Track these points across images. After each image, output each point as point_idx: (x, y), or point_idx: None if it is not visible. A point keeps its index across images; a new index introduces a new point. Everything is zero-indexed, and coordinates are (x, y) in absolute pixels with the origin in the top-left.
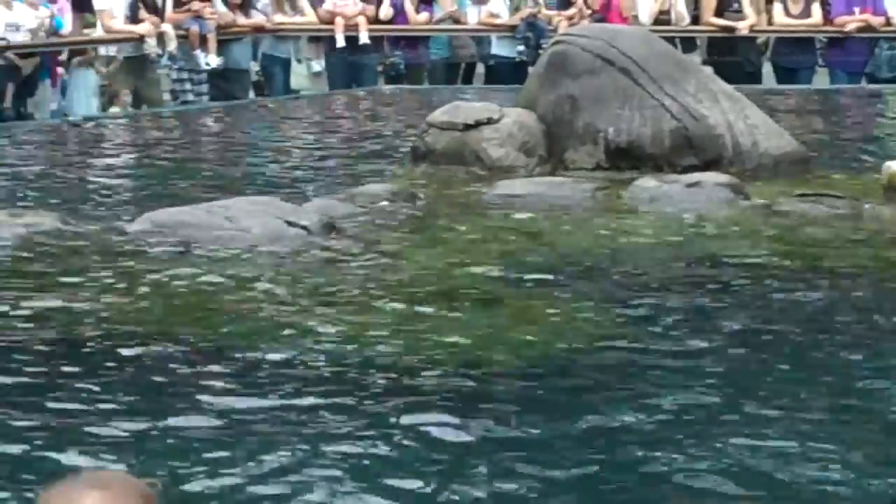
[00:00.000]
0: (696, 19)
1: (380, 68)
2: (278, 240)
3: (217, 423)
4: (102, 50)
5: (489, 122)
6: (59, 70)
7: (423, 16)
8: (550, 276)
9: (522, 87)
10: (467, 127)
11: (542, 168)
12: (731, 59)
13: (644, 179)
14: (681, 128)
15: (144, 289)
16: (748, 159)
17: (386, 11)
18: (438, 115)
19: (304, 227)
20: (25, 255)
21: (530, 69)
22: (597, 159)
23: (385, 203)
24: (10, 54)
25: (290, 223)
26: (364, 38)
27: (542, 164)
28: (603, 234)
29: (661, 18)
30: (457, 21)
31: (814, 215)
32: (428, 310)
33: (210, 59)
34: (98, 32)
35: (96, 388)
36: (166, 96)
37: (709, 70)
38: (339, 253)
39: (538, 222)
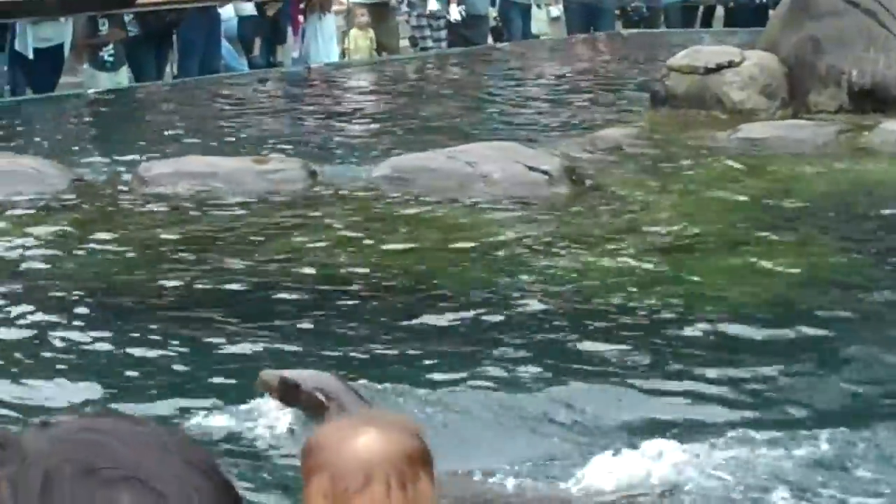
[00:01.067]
0: None
1: (617, 12)
2: (519, 184)
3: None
4: None
5: (730, 65)
6: (300, 18)
7: None
8: (792, 220)
9: (762, 29)
10: (708, 70)
11: (783, 111)
12: None
13: (889, 122)
14: None
15: (387, 235)
16: None
17: None
18: (679, 59)
19: (544, 172)
20: (271, 200)
21: (771, 11)
22: (840, 102)
23: (625, 147)
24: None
25: (530, 168)
26: None
27: (783, 106)
28: (846, 178)
29: None
30: None
31: None
32: (668, 254)
33: (451, 11)
34: None
35: (359, 328)
36: (403, 43)
37: None
38: (579, 197)
39: (780, 166)
